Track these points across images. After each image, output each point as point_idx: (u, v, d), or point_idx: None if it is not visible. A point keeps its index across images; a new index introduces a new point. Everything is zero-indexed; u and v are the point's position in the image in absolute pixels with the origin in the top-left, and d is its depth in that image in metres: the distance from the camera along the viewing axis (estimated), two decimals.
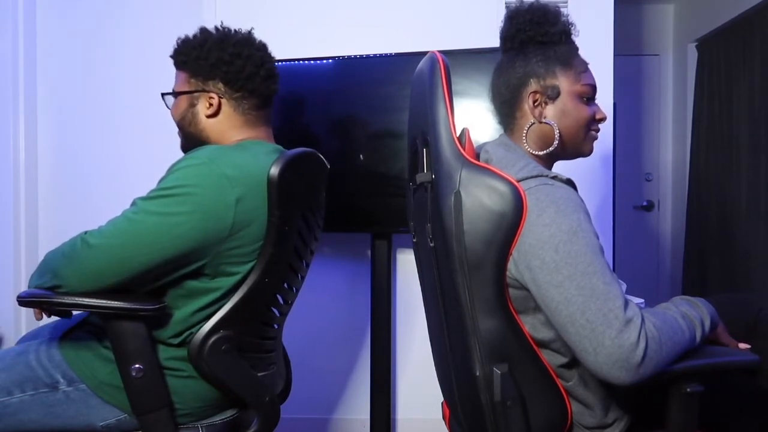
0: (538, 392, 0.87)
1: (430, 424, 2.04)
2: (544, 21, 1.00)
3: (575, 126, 0.99)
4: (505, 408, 0.85)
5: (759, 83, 2.52)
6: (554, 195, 0.85)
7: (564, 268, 0.81)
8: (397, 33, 2.03)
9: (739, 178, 2.67)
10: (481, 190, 0.85)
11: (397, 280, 2.07)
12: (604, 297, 0.79)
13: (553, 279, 0.81)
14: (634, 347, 0.76)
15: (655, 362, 0.78)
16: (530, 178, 0.88)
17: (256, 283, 1.01)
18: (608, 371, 0.77)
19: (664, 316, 0.84)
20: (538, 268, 0.83)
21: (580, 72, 0.99)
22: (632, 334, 0.76)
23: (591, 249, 0.81)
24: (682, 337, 0.83)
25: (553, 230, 0.82)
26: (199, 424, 1.04)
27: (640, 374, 0.77)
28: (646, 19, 3.38)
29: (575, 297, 0.79)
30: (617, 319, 0.77)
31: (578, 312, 0.79)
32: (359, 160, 1.81)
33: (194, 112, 1.13)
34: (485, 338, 0.86)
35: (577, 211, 0.84)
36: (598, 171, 2.02)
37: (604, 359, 0.77)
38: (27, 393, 0.99)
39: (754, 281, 2.53)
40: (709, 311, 0.91)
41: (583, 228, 0.82)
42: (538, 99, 0.99)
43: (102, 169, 2.15)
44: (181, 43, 1.13)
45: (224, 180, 0.96)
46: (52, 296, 0.93)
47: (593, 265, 0.80)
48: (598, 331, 0.77)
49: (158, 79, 2.12)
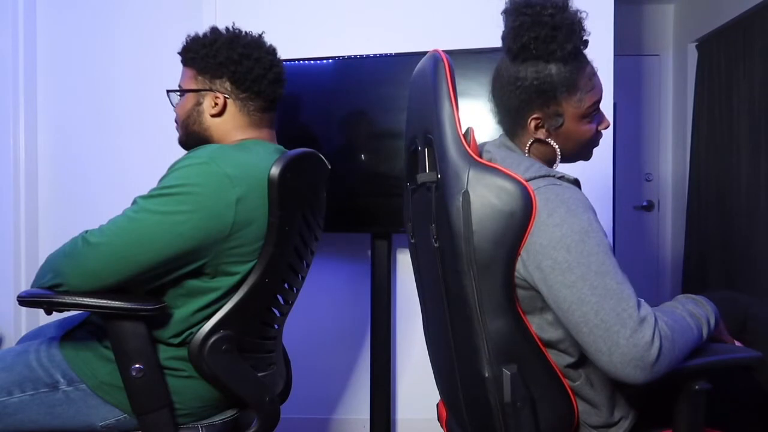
0: (546, 392, 0.87)
1: (430, 424, 2.04)
2: (551, 40, 0.90)
3: (577, 146, 0.99)
4: (515, 409, 0.85)
5: (759, 83, 2.52)
6: (563, 195, 0.84)
7: (577, 268, 0.80)
8: (397, 33, 2.02)
9: (739, 178, 2.67)
10: (490, 190, 0.84)
11: (397, 280, 2.07)
12: (617, 296, 0.79)
13: (566, 279, 0.81)
14: (648, 346, 0.76)
15: (669, 360, 0.78)
16: (538, 177, 0.88)
17: (256, 283, 1.01)
18: (623, 371, 0.77)
19: (674, 314, 0.85)
20: (549, 268, 0.82)
21: (586, 92, 0.94)
22: (647, 333, 0.77)
23: (603, 249, 0.81)
24: (692, 335, 0.84)
25: (564, 230, 0.81)
26: (199, 424, 1.04)
27: (654, 373, 0.77)
28: (646, 19, 3.38)
29: (589, 297, 0.79)
30: (631, 319, 0.77)
31: (592, 312, 0.79)
32: (360, 160, 1.81)
33: (199, 111, 1.12)
34: (494, 339, 0.86)
35: (587, 211, 0.84)
36: (598, 171, 2.02)
37: (618, 359, 0.77)
38: (27, 393, 0.99)
39: (754, 281, 2.53)
40: (713, 309, 0.91)
41: (594, 228, 0.82)
42: (540, 124, 0.96)
43: (102, 168, 2.15)
44: (191, 41, 1.13)
45: (225, 179, 0.95)
46: (52, 296, 0.93)
47: (605, 264, 0.80)
48: (612, 331, 0.77)
49: (158, 79, 2.12)
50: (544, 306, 0.87)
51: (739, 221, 2.67)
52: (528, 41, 0.90)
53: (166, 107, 1.22)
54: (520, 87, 0.93)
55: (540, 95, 0.93)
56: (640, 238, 3.42)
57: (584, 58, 0.96)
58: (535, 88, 0.93)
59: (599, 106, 0.98)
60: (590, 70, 0.96)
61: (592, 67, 0.96)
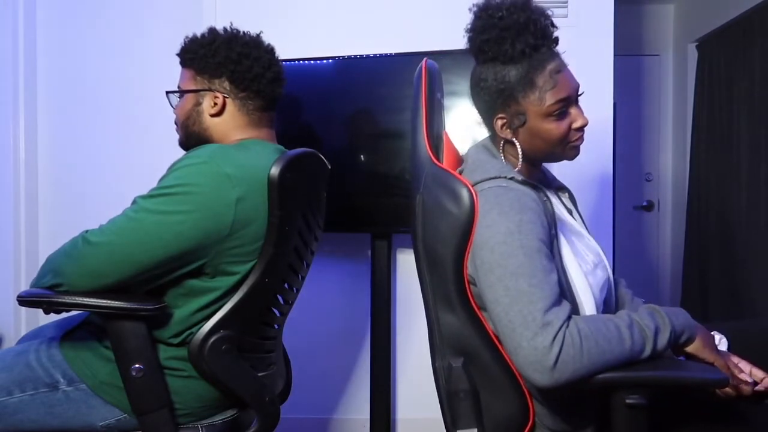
0: (496, 388, 0.89)
1: (430, 424, 2.04)
2: (502, 40, 0.91)
3: (547, 145, 0.96)
4: (458, 399, 0.89)
5: (759, 83, 2.52)
6: (501, 197, 0.87)
7: (496, 269, 0.83)
8: (397, 33, 2.02)
9: (739, 178, 2.67)
10: (440, 192, 0.88)
11: (397, 280, 2.07)
12: (526, 299, 0.80)
13: (488, 279, 0.84)
14: (547, 350, 0.77)
15: (573, 368, 0.77)
16: (488, 179, 0.91)
17: (256, 283, 1.01)
18: (525, 372, 0.79)
19: (598, 323, 0.81)
20: (479, 267, 0.85)
21: (546, 90, 0.92)
22: (547, 337, 0.77)
23: (524, 251, 0.82)
24: (620, 346, 0.80)
25: (492, 231, 0.84)
26: (199, 424, 1.04)
27: (555, 378, 0.77)
28: (646, 19, 3.38)
29: (502, 298, 0.82)
30: (534, 321, 0.78)
31: (503, 313, 0.81)
32: (360, 160, 1.81)
33: (199, 111, 1.12)
34: (445, 332, 0.91)
35: (521, 212, 0.85)
36: (598, 171, 2.02)
37: (522, 360, 0.79)
38: (27, 393, 0.99)
39: (754, 281, 2.53)
40: (677, 323, 0.85)
41: (522, 230, 0.83)
42: (505, 123, 0.97)
43: (102, 168, 2.15)
44: (189, 41, 1.13)
45: (225, 179, 0.96)
46: (52, 295, 0.93)
47: (523, 266, 0.82)
48: (516, 332, 0.79)
49: (159, 79, 2.11)
50: None
51: (739, 221, 2.67)
52: (481, 43, 0.94)
53: (166, 107, 1.21)
54: (483, 88, 0.97)
55: (500, 95, 0.95)
56: (640, 238, 3.42)
57: (547, 56, 0.93)
58: (495, 89, 0.95)
59: (569, 103, 0.95)
60: (553, 68, 0.93)
61: (558, 64, 0.94)
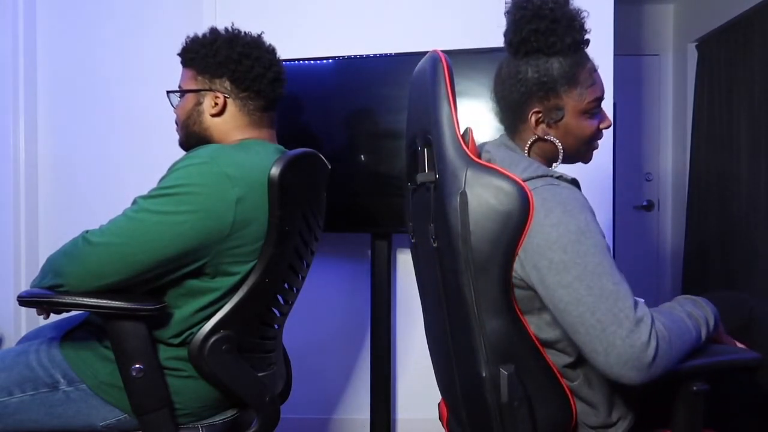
0: (544, 392, 0.87)
1: (430, 424, 2.04)
2: (551, 32, 0.91)
3: (578, 143, 0.98)
4: (512, 409, 0.85)
5: (759, 83, 2.52)
6: (561, 195, 0.84)
7: (573, 268, 0.80)
8: (397, 33, 2.02)
9: (739, 178, 2.67)
10: (488, 190, 0.84)
11: (397, 280, 2.07)
12: (614, 297, 0.78)
13: (563, 279, 0.81)
14: (645, 347, 0.76)
15: (666, 361, 0.78)
16: (535, 178, 0.88)
17: (256, 283, 1.01)
18: (619, 371, 0.77)
19: (672, 315, 0.84)
20: (546, 268, 0.82)
21: (587, 86, 0.94)
22: (643, 333, 0.76)
23: (599, 249, 0.81)
24: (690, 336, 0.83)
25: (561, 230, 0.82)
26: (200, 424, 1.04)
27: (651, 374, 0.77)
28: (646, 19, 3.38)
29: (585, 297, 0.79)
30: (628, 319, 0.77)
31: (588, 312, 0.79)
32: (360, 160, 1.81)
33: (200, 111, 1.12)
34: (491, 339, 0.86)
35: (584, 211, 0.84)
36: (598, 171, 2.02)
37: (615, 359, 0.77)
38: (27, 393, 0.99)
39: (754, 281, 2.53)
40: (712, 311, 0.91)
41: (591, 228, 0.82)
42: (541, 118, 0.96)
43: (102, 168, 2.15)
44: (190, 41, 1.13)
45: (225, 179, 0.95)
46: (52, 296, 0.93)
47: (602, 264, 0.80)
48: (608, 331, 0.77)
49: (159, 79, 2.12)
50: (542, 306, 0.87)
51: (739, 220, 2.67)
52: (528, 34, 0.92)
53: (166, 108, 1.22)
54: (521, 80, 0.94)
55: (540, 88, 0.93)
56: (640, 237, 3.42)
57: (585, 54, 0.96)
58: (535, 81, 0.93)
59: (600, 104, 0.98)
60: (591, 66, 0.96)
61: (593, 64, 0.97)
